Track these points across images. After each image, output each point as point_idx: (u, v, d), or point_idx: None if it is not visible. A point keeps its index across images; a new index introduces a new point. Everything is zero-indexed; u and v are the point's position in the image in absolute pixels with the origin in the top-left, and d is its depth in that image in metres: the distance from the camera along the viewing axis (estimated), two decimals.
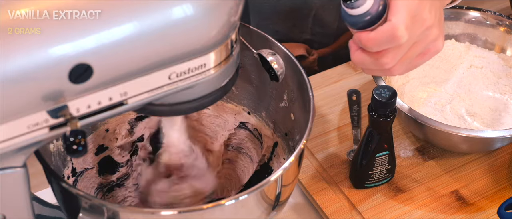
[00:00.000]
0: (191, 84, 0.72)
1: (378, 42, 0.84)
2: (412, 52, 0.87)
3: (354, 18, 0.84)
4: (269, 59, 0.87)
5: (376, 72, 0.90)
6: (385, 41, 0.83)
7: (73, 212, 0.82)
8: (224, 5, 0.68)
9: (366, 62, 0.87)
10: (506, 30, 1.18)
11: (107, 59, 0.65)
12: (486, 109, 1.12)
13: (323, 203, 1.05)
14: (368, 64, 0.87)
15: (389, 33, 0.83)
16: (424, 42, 0.87)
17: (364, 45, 0.85)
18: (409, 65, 0.89)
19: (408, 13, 0.83)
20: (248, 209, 0.83)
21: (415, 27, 0.84)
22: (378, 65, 0.87)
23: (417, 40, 0.86)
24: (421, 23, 0.85)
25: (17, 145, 0.67)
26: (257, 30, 0.94)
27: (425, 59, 0.90)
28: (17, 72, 0.62)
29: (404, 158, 1.11)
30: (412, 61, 0.89)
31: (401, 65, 0.88)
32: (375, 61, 0.86)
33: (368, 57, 0.86)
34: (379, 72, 0.90)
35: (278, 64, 0.87)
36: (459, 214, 1.04)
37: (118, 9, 0.65)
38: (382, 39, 0.83)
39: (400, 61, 0.87)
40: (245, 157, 1.04)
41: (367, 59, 0.87)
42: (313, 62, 1.30)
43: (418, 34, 0.85)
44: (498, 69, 1.17)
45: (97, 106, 0.68)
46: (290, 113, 0.96)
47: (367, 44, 0.84)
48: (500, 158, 1.11)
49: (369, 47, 0.84)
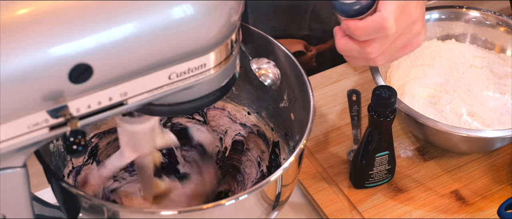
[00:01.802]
0: (191, 84, 0.72)
1: (366, 32, 0.86)
2: (396, 44, 0.90)
3: (345, 6, 0.87)
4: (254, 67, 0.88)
5: (358, 61, 0.92)
6: (373, 31, 0.86)
7: (73, 212, 0.82)
8: (224, 5, 0.68)
9: (351, 50, 0.90)
10: (506, 30, 1.18)
11: (107, 59, 0.65)
12: (486, 109, 1.12)
13: (323, 203, 1.05)
14: (353, 52, 0.90)
15: (378, 23, 0.85)
16: (408, 36, 0.91)
17: (352, 33, 0.87)
18: (391, 57, 0.92)
19: (397, 6, 0.86)
20: (248, 209, 0.83)
21: (402, 20, 0.88)
22: (363, 54, 0.89)
23: (402, 33, 0.89)
24: (408, 17, 0.88)
25: (17, 145, 0.67)
26: (257, 31, 0.94)
27: (406, 52, 0.93)
28: (17, 72, 0.62)
29: (404, 158, 1.11)
30: (394, 53, 0.92)
31: (384, 56, 0.91)
32: (360, 50, 0.89)
33: (353, 45, 0.89)
34: (362, 61, 0.92)
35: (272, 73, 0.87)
36: (459, 214, 1.04)
37: (118, 9, 0.65)
38: (371, 29, 0.86)
39: (384, 52, 0.90)
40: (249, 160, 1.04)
41: (352, 47, 0.89)
42: (311, 58, 1.31)
43: (404, 27, 0.89)
44: (498, 69, 1.17)
45: (97, 106, 0.68)
46: (290, 113, 0.96)
47: (355, 32, 0.87)
48: (500, 158, 1.11)
49: (357, 35, 0.87)
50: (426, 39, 1.20)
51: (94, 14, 0.64)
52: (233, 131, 1.04)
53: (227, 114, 1.04)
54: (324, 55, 1.33)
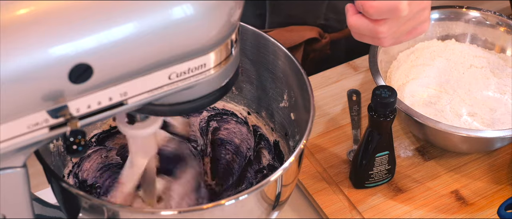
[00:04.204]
0: (191, 84, 0.72)
1: (380, 11, 0.89)
2: (405, 28, 0.94)
3: None
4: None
5: (366, 39, 0.94)
6: (386, 11, 0.89)
7: (73, 212, 0.82)
8: (224, 5, 0.68)
9: (362, 28, 0.92)
10: (506, 30, 1.18)
11: (107, 59, 0.65)
12: (486, 109, 1.12)
13: (323, 203, 1.05)
14: (363, 30, 0.92)
15: (393, 4, 0.88)
16: (416, 21, 0.94)
17: (366, 11, 0.90)
18: (398, 39, 0.95)
19: None
20: (248, 209, 0.83)
21: (413, 5, 0.91)
22: (373, 33, 0.92)
23: (411, 18, 0.93)
24: (419, 3, 0.92)
25: (17, 145, 0.67)
26: (257, 30, 0.94)
27: (411, 37, 0.97)
28: (17, 72, 0.62)
29: (404, 158, 1.11)
30: (401, 36, 0.95)
31: (392, 38, 0.94)
32: (371, 28, 0.91)
33: (365, 23, 0.91)
34: (370, 39, 0.94)
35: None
36: (459, 214, 1.04)
37: (118, 9, 0.65)
38: (385, 9, 0.89)
39: (392, 33, 0.92)
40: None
41: (364, 25, 0.92)
42: (325, 45, 1.32)
43: (414, 12, 0.92)
44: (498, 69, 1.17)
45: (97, 106, 0.68)
46: (290, 113, 0.96)
47: (369, 10, 0.89)
48: (500, 158, 1.11)
49: (370, 14, 0.89)
50: (426, 39, 1.20)
51: (94, 14, 0.64)
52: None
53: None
54: (339, 43, 1.35)
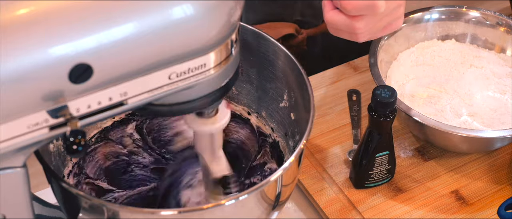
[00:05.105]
0: (191, 84, 0.72)
1: (358, 7, 0.91)
2: (381, 24, 0.96)
3: None
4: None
5: (343, 34, 0.96)
6: (364, 8, 0.91)
7: (73, 212, 0.82)
8: (224, 5, 0.68)
9: (339, 23, 0.94)
10: (506, 30, 1.18)
11: (107, 59, 0.65)
12: (486, 109, 1.12)
13: (323, 203, 1.05)
14: (340, 25, 0.94)
15: (370, 2, 0.90)
16: (391, 17, 0.97)
17: (344, 7, 0.91)
18: (373, 35, 0.98)
19: None
20: (248, 209, 0.83)
21: (390, 2, 0.94)
22: (350, 29, 0.94)
23: (387, 14, 0.95)
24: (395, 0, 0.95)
25: (17, 145, 0.67)
26: (257, 30, 0.94)
27: (386, 32, 1.00)
28: (17, 72, 0.62)
29: (404, 158, 1.11)
30: (377, 32, 0.98)
31: (368, 34, 0.96)
32: (348, 24, 0.93)
33: (343, 19, 0.93)
34: (346, 35, 0.96)
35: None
36: (459, 214, 1.04)
37: (118, 9, 0.65)
38: (363, 6, 0.91)
39: (369, 29, 0.94)
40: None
41: (341, 20, 0.94)
42: (302, 41, 1.33)
43: (391, 9, 0.95)
44: (498, 69, 1.17)
45: (97, 106, 0.68)
46: (290, 113, 0.96)
47: (347, 6, 0.91)
48: (500, 158, 1.11)
49: (348, 10, 0.91)
50: (426, 39, 1.20)
51: (94, 14, 0.64)
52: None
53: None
54: (315, 39, 1.36)
